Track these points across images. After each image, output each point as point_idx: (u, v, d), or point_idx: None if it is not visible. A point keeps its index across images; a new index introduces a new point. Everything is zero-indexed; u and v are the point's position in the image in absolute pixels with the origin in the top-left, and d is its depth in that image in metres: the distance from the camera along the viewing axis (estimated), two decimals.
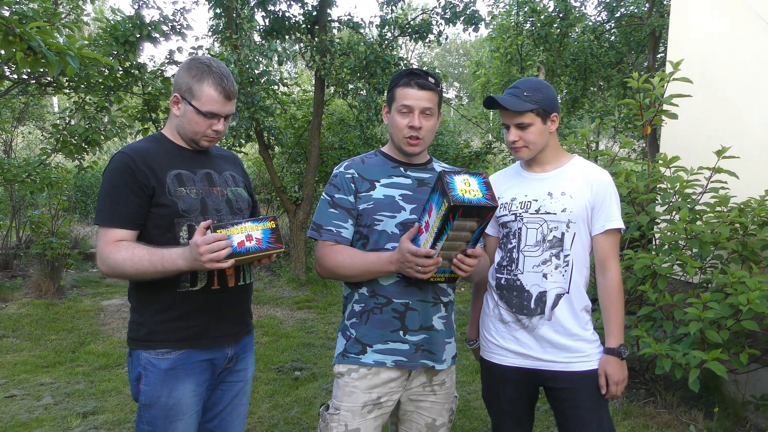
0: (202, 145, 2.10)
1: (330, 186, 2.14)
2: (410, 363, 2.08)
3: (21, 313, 6.47)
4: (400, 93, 2.06)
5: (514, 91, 2.14)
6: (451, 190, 1.74)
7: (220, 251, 1.77)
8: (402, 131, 2.06)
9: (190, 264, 1.83)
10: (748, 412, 3.82)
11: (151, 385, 1.97)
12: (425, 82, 2.04)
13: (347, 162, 2.18)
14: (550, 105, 2.13)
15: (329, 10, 8.27)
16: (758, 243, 3.63)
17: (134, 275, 1.93)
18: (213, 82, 1.99)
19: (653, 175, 4.05)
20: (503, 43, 12.02)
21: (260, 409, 4.07)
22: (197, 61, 2.05)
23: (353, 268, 2.04)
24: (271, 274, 8.77)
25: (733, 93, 4.45)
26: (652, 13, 10.61)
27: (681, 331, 3.46)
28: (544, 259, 2.14)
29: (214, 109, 2.01)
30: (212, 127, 2.04)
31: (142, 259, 1.87)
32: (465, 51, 38.10)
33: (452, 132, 11.93)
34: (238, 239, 1.84)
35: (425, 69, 2.11)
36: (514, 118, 2.13)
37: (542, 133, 2.15)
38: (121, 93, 6.79)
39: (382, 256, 1.99)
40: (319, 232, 2.11)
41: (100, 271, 1.97)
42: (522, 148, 2.16)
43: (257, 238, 1.85)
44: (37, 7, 4.89)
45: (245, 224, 1.86)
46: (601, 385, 2.13)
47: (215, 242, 1.77)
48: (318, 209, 2.15)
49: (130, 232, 1.95)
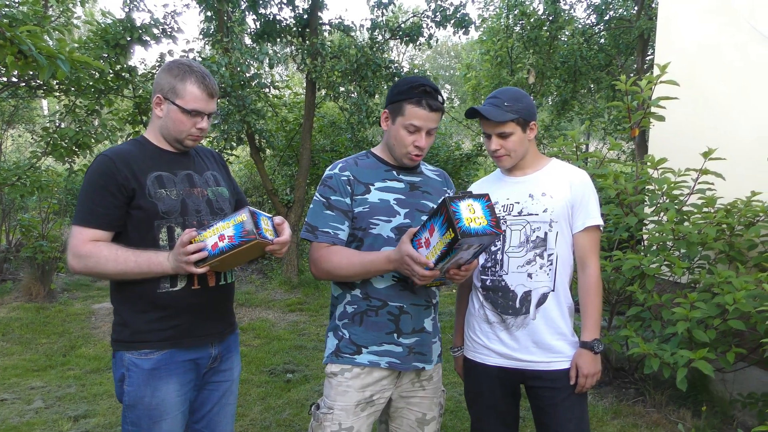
0: (187, 145, 2.12)
1: (325, 187, 2.13)
2: (403, 365, 2.10)
3: (11, 316, 6.44)
4: (411, 111, 2.04)
5: (494, 101, 2.18)
6: (458, 220, 1.74)
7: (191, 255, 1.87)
8: (407, 148, 2.09)
9: (174, 268, 1.92)
10: (736, 411, 3.86)
11: (134, 385, 1.99)
12: (436, 103, 2.05)
13: (341, 163, 2.18)
14: (529, 114, 2.19)
15: (320, 14, 8.28)
16: (745, 243, 3.68)
17: (114, 275, 1.96)
18: (196, 80, 2.03)
19: (641, 177, 4.09)
20: (493, 46, 12.07)
21: (252, 412, 4.08)
22: (177, 62, 2.09)
23: (350, 268, 2.04)
24: (263, 277, 8.77)
25: (719, 95, 4.50)
26: (641, 16, 10.69)
27: (669, 330, 3.50)
28: (528, 259, 2.18)
29: (198, 107, 2.04)
30: (196, 126, 2.07)
31: (128, 261, 1.91)
32: (456, 53, 38.19)
33: (443, 134, 11.96)
34: (212, 242, 1.87)
35: (435, 85, 2.09)
36: (496, 128, 2.17)
37: (522, 141, 2.20)
38: (111, 96, 6.78)
39: (380, 254, 2.01)
40: (314, 233, 2.10)
41: (73, 268, 1.96)
42: (504, 156, 2.21)
43: (229, 236, 1.87)
44: (27, 10, 4.88)
45: (217, 225, 1.89)
46: (571, 376, 2.16)
47: (194, 253, 1.87)
48: (312, 210, 2.14)
49: (105, 233, 1.97)
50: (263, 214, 1.98)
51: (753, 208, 3.67)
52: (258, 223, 1.89)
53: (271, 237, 1.94)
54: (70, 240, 1.98)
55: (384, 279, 2.08)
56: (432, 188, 2.23)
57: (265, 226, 1.93)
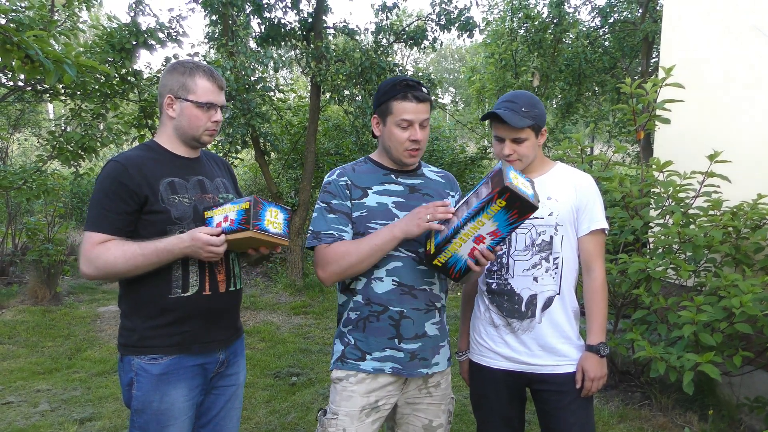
0: (204, 141, 2.14)
1: (325, 194, 2.13)
2: (406, 371, 2.10)
3: (17, 320, 6.46)
4: (398, 107, 2.05)
5: (511, 106, 2.15)
6: (506, 177, 1.76)
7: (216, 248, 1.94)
8: (403, 144, 2.08)
9: (186, 250, 1.94)
10: (743, 414, 3.84)
11: (143, 390, 1.99)
12: (422, 94, 2.05)
13: (339, 170, 2.18)
14: (542, 120, 2.19)
15: (325, 17, 8.30)
16: (751, 246, 3.66)
17: (126, 272, 1.95)
18: (204, 74, 2.07)
19: (647, 180, 4.08)
20: (498, 49, 12.09)
21: (257, 415, 4.08)
22: (181, 62, 2.12)
23: (359, 252, 2.00)
24: (268, 280, 8.78)
25: (724, 98, 4.49)
26: (645, 19, 10.69)
27: (675, 334, 3.49)
28: (534, 262, 2.17)
29: (211, 99, 2.08)
30: (212, 119, 2.10)
31: (135, 254, 1.91)
32: (460, 56, 38.22)
33: (448, 137, 11.97)
34: (217, 220, 1.96)
35: (416, 79, 2.11)
36: (512, 133, 2.15)
37: (534, 147, 2.20)
38: (117, 100, 6.81)
39: (383, 228, 2.01)
40: (318, 238, 2.08)
41: (85, 273, 1.96)
42: (515, 161, 2.19)
43: (231, 219, 1.93)
44: (33, 15, 4.91)
45: (226, 206, 1.97)
46: (577, 380, 2.15)
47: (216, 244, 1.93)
48: (315, 219, 2.13)
49: (115, 239, 1.97)
50: (274, 205, 1.98)
51: (759, 211, 3.66)
52: (260, 214, 1.92)
53: (275, 230, 1.95)
54: (81, 246, 1.99)
55: (384, 284, 2.07)
56: (433, 190, 2.20)
57: (269, 218, 1.94)
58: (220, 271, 2.10)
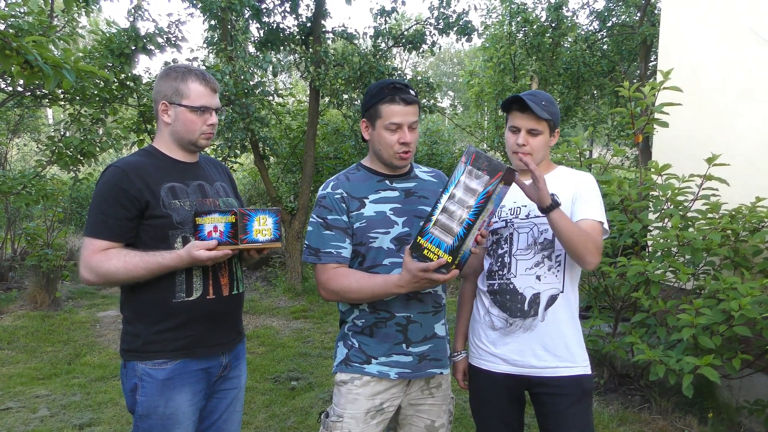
0: (201, 145, 2.14)
1: (320, 208, 2.11)
2: (414, 373, 2.10)
3: (16, 325, 6.46)
4: (387, 110, 2.03)
5: (533, 98, 2.13)
6: (493, 158, 1.80)
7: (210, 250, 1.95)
8: (393, 147, 2.06)
9: (187, 266, 1.97)
10: (742, 417, 3.84)
11: (148, 395, 1.99)
12: (410, 96, 2.04)
13: (333, 181, 2.15)
14: (558, 120, 2.19)
15: (323, 22, 8.33)
16: (750, 249, 3.67)
17: (126, 282, 1.98)
18: (197, 78, 2.08)
19: (645, 183, 4.09)
20: (496, 53, 12.10)
21: (257, 419, 4.07)
22: (173, 67, 2.13)
23: (360, 293, 2.02)
24: (267, 284, 8.77)
25: (723, 101, 4.51)
26: (644, 22, 10.71)
27: (674, 337, 3.49)
28: (537, 261, 2.16)
29: (205, 103, 2.08)
30: (207, 122, 2.10)
31: (137, 267, 1.93)
32: (459, 60, 38.27)
33: (447, 141, 11.98)
34: (208, 229, 1.96)
35: (404, 81, 2.11)
36: (531, 123, 2.12)
37: (546, 144, 2.18)
38: (116, 105, 6.81)
39: (389, 279, 1.96)
40: (317, 256, 2.07)
41: (85, 279, 1.97)
42: (528, 154, 2.14)
43: (220, 231, 1.95)
44: (32, 20, 4.91)
45: (214, 215, 1.97)
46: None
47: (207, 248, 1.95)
48: (311, 233, 2.11)
49: (117, 245, 1.97)
50: (261, 212, 1.99)
51: (758, 214, 3.66)
52: (248, 226, 1.95)
53: (264, 238, 1.97)
54: (81, 251, 1.99)
55: None
56: (428, 191, 2.19)
57: (258, 227, 1.96)
58: (223, 275, 2.11)
